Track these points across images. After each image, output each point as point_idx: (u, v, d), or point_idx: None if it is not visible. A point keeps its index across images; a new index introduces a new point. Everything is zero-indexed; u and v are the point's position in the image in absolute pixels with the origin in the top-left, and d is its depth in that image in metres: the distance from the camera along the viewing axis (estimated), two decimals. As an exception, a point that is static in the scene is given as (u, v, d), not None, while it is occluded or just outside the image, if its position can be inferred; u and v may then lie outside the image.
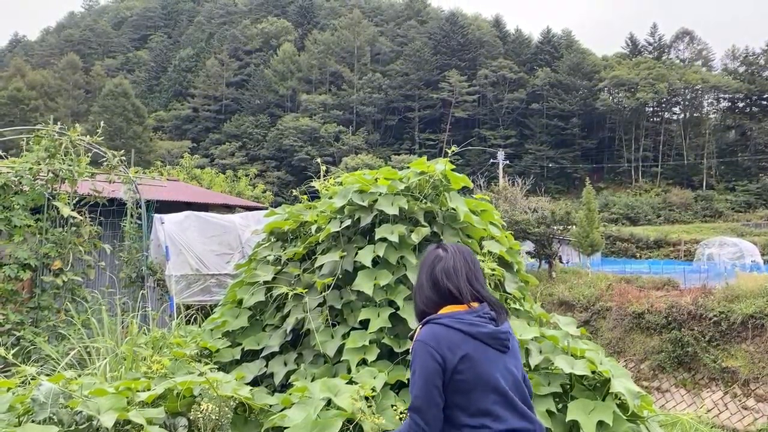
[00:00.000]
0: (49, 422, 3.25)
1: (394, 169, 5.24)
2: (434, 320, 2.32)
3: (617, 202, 69.46)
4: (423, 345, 2.25)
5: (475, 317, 2.33)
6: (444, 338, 2.24)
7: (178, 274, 7.32)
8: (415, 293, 2.54)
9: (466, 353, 2.23)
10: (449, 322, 2.29)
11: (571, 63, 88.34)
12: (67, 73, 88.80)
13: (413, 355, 2.27)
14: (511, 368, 2.37)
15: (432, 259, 2.52)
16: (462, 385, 2.22)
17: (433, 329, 2.29)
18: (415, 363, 2.25)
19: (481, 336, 2.29)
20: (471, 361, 2.24)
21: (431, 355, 2.21)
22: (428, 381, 2.19)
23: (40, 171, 7.01)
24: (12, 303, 6.68)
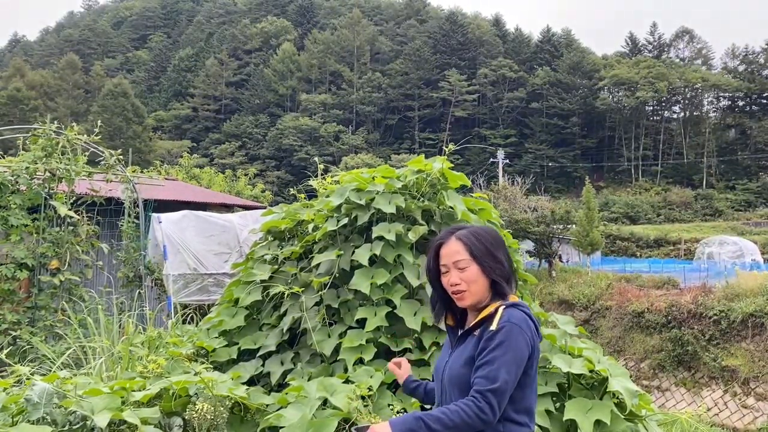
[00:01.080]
0: (42, 422, 3.23)
1: (391, 168, 5.22)
2: (520, 307, 2.20)
3: (617, 201, 69.41)
4: (520, 330, 2.11)
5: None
6: (532, 329, 2.18)
7: (175, 274, 7.30)
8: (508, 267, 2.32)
9: (537, 345, 2.21)
10: (531, 314, 2.21)
11: (571, 62, 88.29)
12: (66, 73, 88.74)
13: (506, 335, 2.09)
14: None
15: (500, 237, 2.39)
16: (524, 380, 2.15)
17: (524, 316, 2.17)
18: (508, 344, 2.07)
19: (539, 336, 2.28)
20: (537, 352, 2.22)
21: (526, 342, 2.11)
22: (519, 366, 2.09)
23: (38, 170, 6.99)
24: (9, 303, 6.66)
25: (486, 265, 2.26)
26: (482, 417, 2.00)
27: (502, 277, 2.27)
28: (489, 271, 2.26)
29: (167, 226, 7.48)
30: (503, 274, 2.28)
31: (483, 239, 2.32)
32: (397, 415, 3.76)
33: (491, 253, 2.29)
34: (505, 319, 2.13)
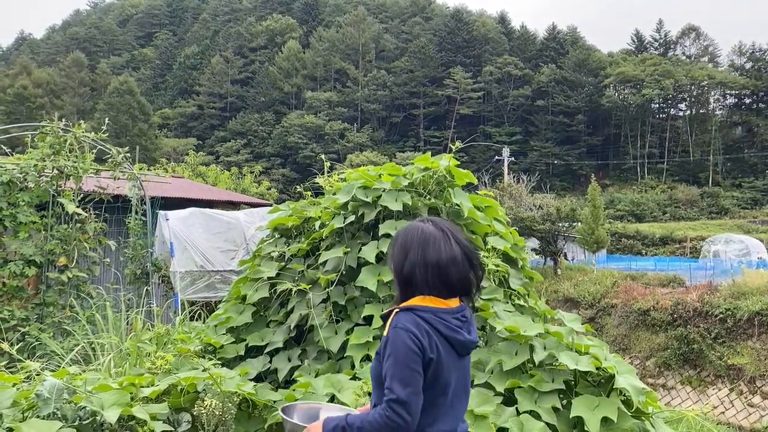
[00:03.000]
0: (53, 417, 3.26)
1: (398, 165, 5.23)
2: (417, 311, 2.12)
3: (623, 199, 69.17)
4: (408, 335, 2.05)
5: (454, 319, 2.17)
6: (425, 333, 2.08)
7: (182, 271, 7.33)
8: (409, 269, 2.19)
9: (439, 354, 2.10)
10: (431, 320, 2.11)
11: (577, 59, 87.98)
12: (72, 71, 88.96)
13: (391, 342, 2.08)
14: (467, 372, 2.29)
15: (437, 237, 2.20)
16: (430, 395, 2.11)
17: (416, 322, 2.09)
18: (395, 354, 2.05)
19: (455, 342, 2.15)
20: (440, 362, 2.11)
21: (416, 347, 2.05)
22: (413, 369, 2.03)
23: (45, 168, 7.02)
24: (17, 299, 6.70)
25: (392, 266, 2.29)
26: (392, 426, 2.00)
27: (401, 278, 2.23)
28: (393, 272, 2.28)
29: (174, 224, 7.51)
30: (403, 275, 2.22)
31: (396, 240, 2.31)
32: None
33: (395, 253, 2.27)
34: (393, 324, 2.12)
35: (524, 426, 3.23)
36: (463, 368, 2.25)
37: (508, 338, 3.90)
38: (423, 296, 2.17)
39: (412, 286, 2.19)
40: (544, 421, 3.31)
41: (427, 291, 2.17)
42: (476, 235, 4.89)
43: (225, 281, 7.75)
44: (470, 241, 2.34)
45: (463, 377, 2.25)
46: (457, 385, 2.20)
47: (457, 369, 2.20)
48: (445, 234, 2.22)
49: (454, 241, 2.21)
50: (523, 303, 4.83)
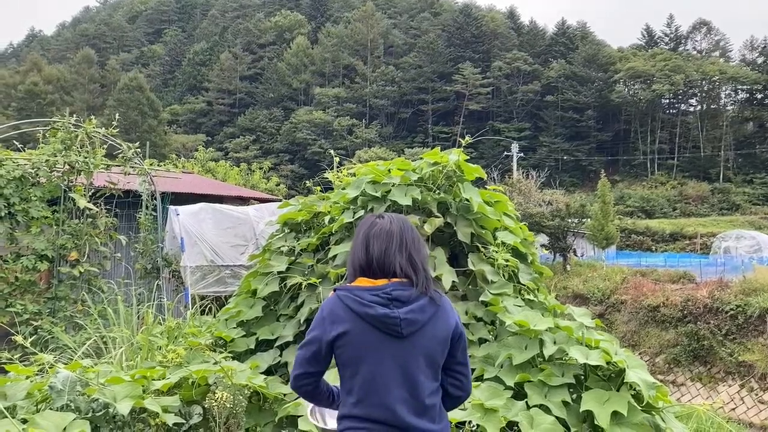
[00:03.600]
0: (66, 409, 3.29)
1: (407, 161, 5.24)
2: (337, 290, 2.28)
3: (632, 195, 68.81)
4: (320, 311, 2.27)
5: (371, 295, 2.19)
6: (332, 310, 2.21)
7: (193, 265, 7.37)
8: (348, 258, 2.44)
9: (345, 330, 2.17)
10: (343, 296, 2.22)
11: (586, 55, 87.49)
12: (82, 67, 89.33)
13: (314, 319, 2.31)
14: (401, 355, 2.19)
15: (368, 224, 2.38)
16: (340, 360, 2.22)
17: (332, 299, 2.26)
18: (311, 326, 2.28)
19: (367, 317, 2.17)
20: (348, 339, 2.17)
21: (318, 322, 2.23)
22: (309, 340, 2.24)
23: (57, 163, 7.07)
24: (30, 293, 6.76)
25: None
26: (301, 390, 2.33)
27: (351, 263, 2.36)
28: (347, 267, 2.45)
29: (184, 219, 7.55)
30: (352, 260, 2.36)
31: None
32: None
33: (351, 249, 2.42)
34: None
35: (534, 420, 3.23)
36: (401, 351, 2.19)
37: (518, 333, 3.90)
38: (358, 278, 2.30)
39: (354, 271, 2.34)
40: (554, 415, 3.31)
41: (359, 273, 2.30)
42: (486, 229, 4.89)
43: (235, 276, 7.78)
44: (411, 227, 2.41)
45: (402, 362, 2.19)
46: (385, 368, 2.17)
47: (386, 350, 2.18)
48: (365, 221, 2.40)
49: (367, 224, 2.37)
50: (532, 298, 4.82)
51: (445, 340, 2.27)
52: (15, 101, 73.11)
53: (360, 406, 2.18)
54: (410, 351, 2.20)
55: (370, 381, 2.17)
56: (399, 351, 2.19)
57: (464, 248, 4.83)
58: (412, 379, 2.18)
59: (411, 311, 2.20)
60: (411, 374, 2.19)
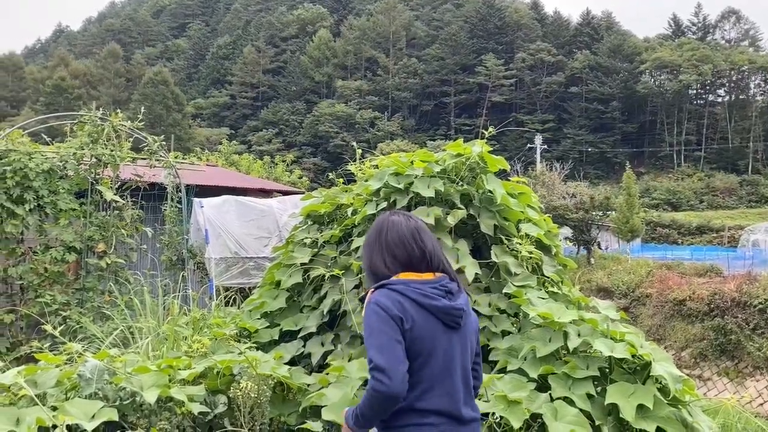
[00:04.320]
0: (94, 397, 3.35)
1: (430, 152, 5.22)
2: (389, 285, 2.22)
3: (658, 187, 67.89)
4: (377, 307, 2.15)
5: (431, 288, 2.23)
6: (397, 303, 2.16)
7: (217, 257, 7.44)
8: (369, 258, 2.39)
9: (415, 323, 2.16)
10: (403, 290, 2.19)
11: (612, 45, 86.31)
12: (108, 62, 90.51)
13: (366, 318, 2.18)
14: (457, 346, 2.26)
15: (390, 222, 2.38)
16: (408, 352, 2.15)
17: (387, 294, 2.19)
18: (370, 325, 2.14)
19: (434, 309, 2.20)
20: (418, 332, 2.16)
21: (388, 315, 2.12)
22: (389, 336, 2.09)
23: (84, 156, 7.18)
24: (59, 284, 6.89)
25: (363, 256, 2.45)
26: (376, 393, 2.06)
27: (368, 268, 2.37)
28: (363, 260, 2.44)
29: (209, 211, 7.62)
30: (368, 264, 2.37)
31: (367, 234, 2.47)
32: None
33: (365, 245, 2.45)
34: (366, 303, 2.24)
35: (558, 412, 3.21)
36: (457, 342, 2.26)
37: (542, 325, 3.88)
38: (403, 273, 2.28)
39: (378, 272, 2.32)
40: (578, 408, 3.29)
41: (395, 270, 2.28)
42: (509, 221, 4.86)
43: (258, 268, 7.84)
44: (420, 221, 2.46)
45: (458, 352, 2.25)
46: (448, 359, 2.22)
47: (447, 341, 2.23)
48: (398, 217, 2.41)
49: (405, 220, 2.38)
50: (556, 290, 4.79)
51: (477, 331, 2.45)
52: (43, 96, 74.41)
53: (425, 399, 2.16)
54: (463, 341, 2.29)
55: (437, 372, 2.19)
56: (456, 341, 2.26)
57: (487, 240, 4.80)
58: (465, 369, 2.28)
59: (465, 303, 2.31)
60: (465, 364, 2.28)
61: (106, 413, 3.14)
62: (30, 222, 6.81)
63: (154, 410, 3.44)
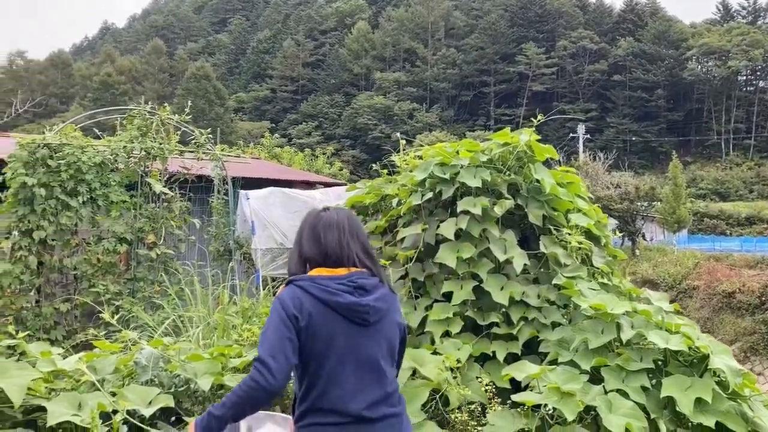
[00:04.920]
0: (150, 384, 3.44)
1: (475, 141, 5.18)
2: (295, 281, 2.24)
3: (705, 176, 66.05)
4: (277, 303, 2.17)
5: (337, 284, 2.20)
6: (296, 299, 2.16)
7: (263, 248, 7.53)
8: (291, 252, 2.45)
9: (312, 319, 2.14)
10: (306, 285, 2.19)
11: (656, 31, 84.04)
12: (152, 57, 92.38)
13: (270, 311, 2.20)
14: (367, 343, 2.22)
15: (314, 217, 2.41)
16: (304, 350, 2.15)
17: (291, 289, 2.21)
18: (268, 320, 2.17)
19: (336, 305, 2.18)
20: (316, 329, 2.14)
21: (285, 312, 2.13)
22: (277, 332, 2.10)
23: (134, 149, 7.34)
24: (111, 275, 7.08)
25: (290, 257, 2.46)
26: (253, 383, 2.04)
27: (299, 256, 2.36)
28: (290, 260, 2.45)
29: (255, 203, 7.71)
30: (300, 253, 2.36)
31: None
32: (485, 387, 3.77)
33: (295, 242, 2.44)
34: (275, 297, 2.24)
35: (612, 404, 3.15)
36: (367, 339, 2.22)
37: (594, 316, 3.81)
38: (316, 269, 2.28)
39: (305, 263, 2.34)
40: (633, 401, 3.22)
41: (315, 263, 2.29)
42: (558, 212, 4.79)
43: (303, 259, 7.89)
44: (356, 218, 2.48)
45: (367, 349, 2.22)
46: (352, 357, 2.18)
47: (352, 338, 2.19)
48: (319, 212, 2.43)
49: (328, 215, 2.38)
50: (606, 281, 4.70)
51: (400, 330, 2.39)
52: (91, 92, 76.37)
53: (327, 398, 2.15)
54: (375, 338, 2.24)
55: (338, 371, 2.16)
56: (363, 339, 2.22)
57: (535, 231, 4.74)
58: (377, 367, 2.23)
59: (377, 299, 2.25)
60: (376, 361, 2.23)
61: (163, 399, 3.22)
62: (83, 214, 7.00)
63: (208, 397, 3.51)
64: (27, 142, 6.83)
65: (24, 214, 6.71)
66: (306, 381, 2.18)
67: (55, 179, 6.82)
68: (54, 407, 2.91)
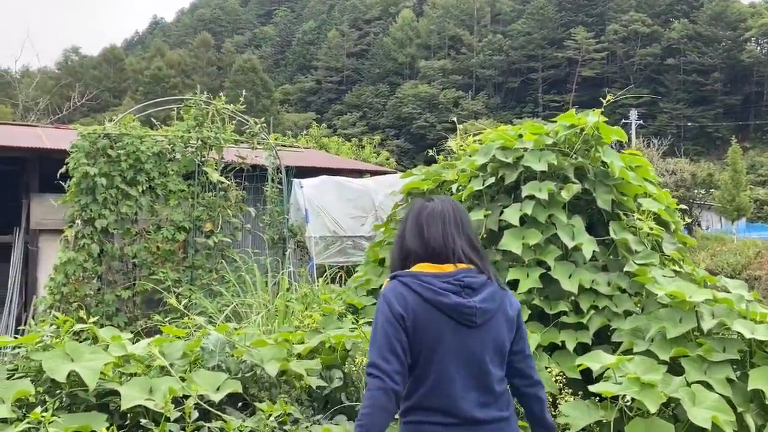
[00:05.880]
0: (217, 369, 3.44)
1: (539, 124, 5.03)
2: (399, 277, 2.13)
3: (765, 163, 63.47)
4: (383, 302, 2.09)
5: (442, 283, 2.10)
6: (401, 297, 2.06)
7: (317, 236, 7.56)
8: (393, 245, 2.34)
9: (417, 319, 2.05)
10: (409, 282, 2.09)
11: (712, 12, 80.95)
12: (200, 51, 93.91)
13: (375, 311, 2.12)
14: (475, 345, 2.11)
15: (418, 207, 2.29)
16: (412, 348, 2.06)
17: (395, 286, 2.11)
18: (375, 320, 2.09)
19: (441, 306, 2.08)
20: (422, 328, 2.06)
21: (391, 312, 2.04)
22: (385, 333, 2.02)
23: (191, 139, 7.44)
24: (170, 262, 7.21)
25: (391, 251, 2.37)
26: (373, 392, 1.98)
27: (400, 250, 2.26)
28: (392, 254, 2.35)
29: (308, 191, 7.74)
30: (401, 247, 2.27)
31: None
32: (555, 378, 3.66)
33: (397, 234, 2.36)
34: (379, 294, 2.16)
35: (696, 397, 3.00)
36: (475, 340, 2.12)
37: (670, 305, 3.64)
38: (420, 264, 2.17)
39: (407, 257, 2.23)
40: (719, 393, 3.06)
41: (418, 258, 2.18)
42: (626, 196, 4.60)
43: (356, 246, 7.90)
44: (463, 209, 2.35)
45: (474, 351, 2.12)
46: (461, 358, 2.09)
47: (459, 339, 2.09)
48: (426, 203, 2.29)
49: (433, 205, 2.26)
50: (678, 269, 4.51)
51: (511, 327, 2.24)
52: (142, 86, 78.23)
53: (434, 397, 2.08)
54: (481, 340, 2.14)
55: (446, 371, 2.08)
56: (470, 340, 2.12)
57: (602, 216, 4.57)
58: (485, 368, 2.14)
59: (484, 300, 2.13)
60: (484, 362, 2.13)
61: (231, 385, 3.22)
62: (143, 203, 7.14)
63: (274, 383, 3.49)
64: (88, 133, 6.98)
65: (86, 204, 6.87)
66: (412, 378, 2.11)
67: (115, 169, 6.97)
68: (127, 391, 2.93)
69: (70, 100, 25.05)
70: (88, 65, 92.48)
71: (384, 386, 1.96)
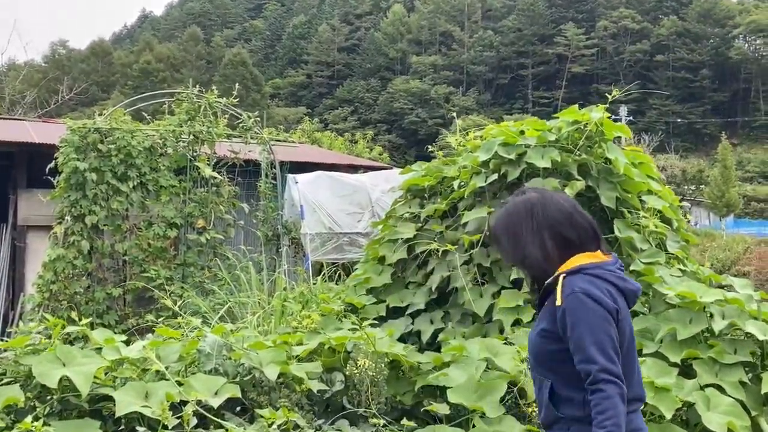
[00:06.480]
0: (215, 373, 3.32)
1: (541, 120, 4.94)
2: (584, 270, 1.94)
3: (752, 159, 64.03)
4: (587, 299, 1.87)
5: (619, 269, 2.01)
6: (607, 292, 1.91)
7: (312, 233, 7.44)
8: (523, 246, 2.05)
9: (620, 310, 1.94)
10: (602, 274, 1.94)
11: (701, 9, 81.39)
12: (189, 45, 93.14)
13: (571, 311, 1.88)
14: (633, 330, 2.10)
15: (543, 199, 2.07)
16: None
17: (592, 281, 1.91)
18: (580, 317, 1.87)
19: (628, 293, 2.00)
20: (623, 319, 1.95)
21: (603, 308, 1.87)
22: (606, 333, 1.85)
23: (182, 134, 7.28)
24: (162, 260, 7.05)
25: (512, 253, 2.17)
26: (613, 398, 1.82)
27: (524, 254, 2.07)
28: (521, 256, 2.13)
29: (303, 187, 7.62)
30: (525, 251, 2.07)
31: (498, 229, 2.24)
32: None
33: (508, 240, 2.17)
34: (567, 291, 1.91)
35: (711, 401, 2.92)
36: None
37: (680, 305, 3.56)
38: (577, 256, 1.99)
39: (538, 260, 2.03)
40: (732, 396, 2.98)
41: (562, 254, 2.00)
42: (630, 193, 4.52)
43: (352, 243, 7.80)
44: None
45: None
46: (634, 345, 2.08)
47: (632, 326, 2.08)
48: (549, 193, 2.18)
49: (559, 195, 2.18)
50: (683, 267, 4.43)
51: None
52: (131, 80, 77.54)
53: (631, 388, 1.95)
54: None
55: (633, 360, 2.04)
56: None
57: (606, 214, 4.49)
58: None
59: None
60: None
61: (230, 389, 3.11)
62: (134, 199, 6.98)
63: (274, 387, 3.38)
64: (78, 127, 6.81)
65: (76, 199, 6.71)
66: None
67: (105, 164, 6.80)
68: (122, 397, 2.81)
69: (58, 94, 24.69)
70: (76, 59, 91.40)
71: (622, 392, 1.83)
